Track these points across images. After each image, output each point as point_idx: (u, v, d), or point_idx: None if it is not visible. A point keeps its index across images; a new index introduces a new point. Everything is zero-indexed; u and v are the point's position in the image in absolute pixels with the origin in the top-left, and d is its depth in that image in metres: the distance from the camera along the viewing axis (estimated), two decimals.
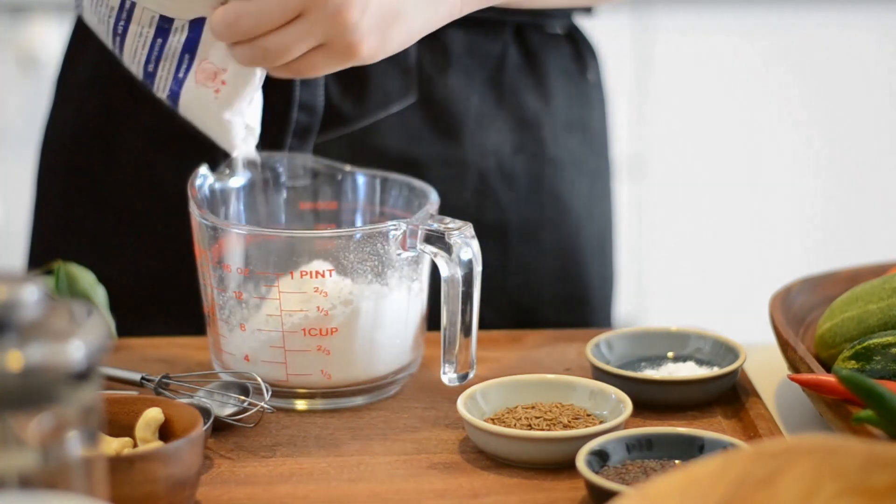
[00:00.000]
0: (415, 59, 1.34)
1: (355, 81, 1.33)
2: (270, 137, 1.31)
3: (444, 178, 1.34)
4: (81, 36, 1.43)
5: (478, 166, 1.37)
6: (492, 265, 1.18)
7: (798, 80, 2.76)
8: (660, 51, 2.72)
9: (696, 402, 1.16)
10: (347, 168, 1.27)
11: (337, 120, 1.34)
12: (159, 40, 1.16)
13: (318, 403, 1.17)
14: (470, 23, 1.32)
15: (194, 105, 1.19)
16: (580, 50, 1.43)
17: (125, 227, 1.39)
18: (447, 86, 1.36)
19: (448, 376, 1.15)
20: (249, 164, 1.23)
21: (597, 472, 1.01)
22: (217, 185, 1.22)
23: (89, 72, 1.41)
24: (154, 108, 1.36)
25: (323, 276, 1.14)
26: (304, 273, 1.14)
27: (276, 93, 1.29)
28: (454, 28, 1.32)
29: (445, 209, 1.19)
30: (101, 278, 1.25)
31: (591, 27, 1.47)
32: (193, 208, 1.17)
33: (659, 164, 2.77)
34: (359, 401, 1.18)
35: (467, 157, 1.37)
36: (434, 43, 1.34)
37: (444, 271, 1.13)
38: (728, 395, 1.18)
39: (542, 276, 1.41)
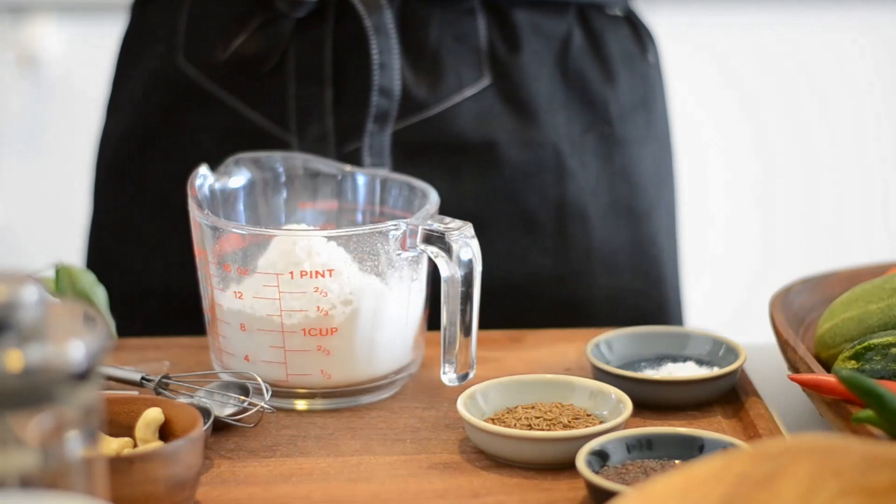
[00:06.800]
0: (485, 41, 1.36)
1: (428, 67, 1.36)
2: (352, 121, 1.34)
3: (523, 159, 1.36)
4: (134, 47, 1.43)
5: (554, 146, 1.39)
6: (577, 248, 1.20)
7: (798, 80, 2.76)
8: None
9: (696, 402, 1.16)
10: (347, 168, 1.27)
11: (413, 106, 1.36)
12: None
13: (318, 403, 1.17)
14: (535, 4, 1.35)
15: None
16: (639, 32, 1.46)
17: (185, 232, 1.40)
18: (518, 67, 1.38)
19: (448, 376, 1.15)
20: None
21: (597, 472, 1.01)
22: (217, 185, 1.22)
23: (148, 77, 1.41)
24: (225, 108, 1.37)
25: (323, 276, 1.14)
26: (304, 273, 1.14)
27: (356, 77, 1.33)
28: (521, 9, 1.36)
29: (527, 190, 1.20)
30: (162, 285, 1.26)
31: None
32: (193, 208, 1.17)
33: None
34: (359, 401, 1.18)
35: (543, 137, 1.38)
36: (504, 25, 1.37)
37: (444, 271, 1.13)
38: (728, 395, 1.18)
39: (622, 260, 1.42)
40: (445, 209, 1.20)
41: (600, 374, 1.17)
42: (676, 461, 1.04)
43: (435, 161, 1.36)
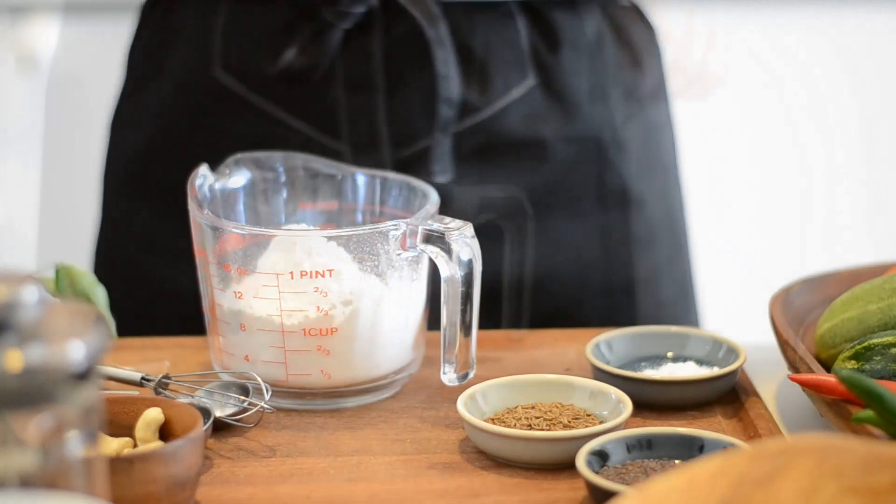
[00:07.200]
0: (527, 42, 1.40)
1: (478, 71, 1.39)
2: (408, 128, 1.37)
3: (568, 155, 1.41)
4: (157, 54, 1.42)
5: (596, 139, 1.42)
6: (623, 233, 1.24)
7: (796, 81, 2.76)
8: None
9: (696, 402, 1.16)
10: (348, 168, 1.27)
11: (467, 111, 1.39)
12: None
13: (318, 403, 1.17)
14: (564, 3, 1.39)
15: None
16: (645, 20, 1.50)
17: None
18: (560, 65, 1.41)
19: (448, 376, 1.15)
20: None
21: (597, 472, 1.01)
22: (217, 185, 1.22)
23: (177, 86, 1.40)
24: (266, 117, 1.37)
25: (323, 276, 1.14)
26: (304, 273, 1.14)
27: (411, 85, 1.36)
28: (554, 8, 1.40)
29: (571, 184, 1.23)
30: (173, 287, 1.26)
31: None
32: (193, 208, 1.17)
33: None
34: (359, 401, 1.18)
35: (587, 132, 1.42)
36: (542, 25, 1.40)
37: (444, 271, 1.13)
38: (728, 395, 1.18)
39: (660, 241, 1.48)
40: (501, 209, 1.23)
41: (600, 374, 1.17)
42: (676, 461, 1.04)
43: (490, 162, 1.40)
